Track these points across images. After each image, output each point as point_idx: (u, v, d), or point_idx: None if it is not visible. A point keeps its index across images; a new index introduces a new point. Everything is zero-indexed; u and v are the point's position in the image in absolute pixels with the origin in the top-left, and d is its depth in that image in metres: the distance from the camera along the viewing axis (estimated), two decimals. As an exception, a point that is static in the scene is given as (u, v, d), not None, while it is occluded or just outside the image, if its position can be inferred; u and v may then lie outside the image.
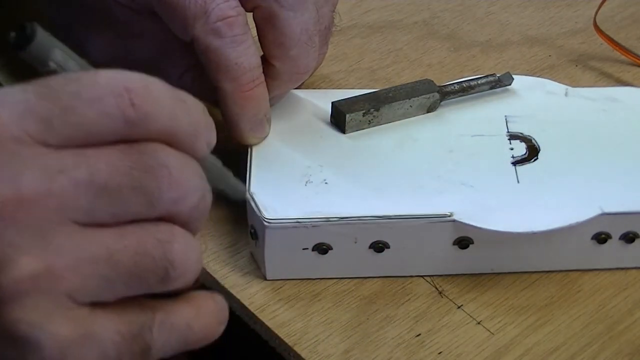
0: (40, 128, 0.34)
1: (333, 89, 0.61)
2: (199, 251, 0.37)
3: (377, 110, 0.54)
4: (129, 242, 0.35)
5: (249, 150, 0.52)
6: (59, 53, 0.36)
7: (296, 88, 0.56)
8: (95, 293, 0.35)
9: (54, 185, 0.33)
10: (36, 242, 0.33)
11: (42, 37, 0.35)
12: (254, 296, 0.49)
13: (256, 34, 0.52)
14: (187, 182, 0.36)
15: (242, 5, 0.50)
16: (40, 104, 0.34)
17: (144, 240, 0.35)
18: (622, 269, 0.51)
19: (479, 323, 0.48)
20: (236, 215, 0.51)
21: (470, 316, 0.49)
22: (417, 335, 0.48)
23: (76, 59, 0.36)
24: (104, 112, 0.34)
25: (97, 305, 0.35)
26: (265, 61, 0.52)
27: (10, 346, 0.33)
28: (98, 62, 0.56)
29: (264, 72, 0.52)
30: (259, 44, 0.52)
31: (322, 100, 0.56)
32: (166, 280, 0.36)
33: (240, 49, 0.49)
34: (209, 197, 0.37)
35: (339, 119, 0.54)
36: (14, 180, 0.33)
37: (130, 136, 0.35)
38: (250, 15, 0.52)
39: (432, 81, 0.56)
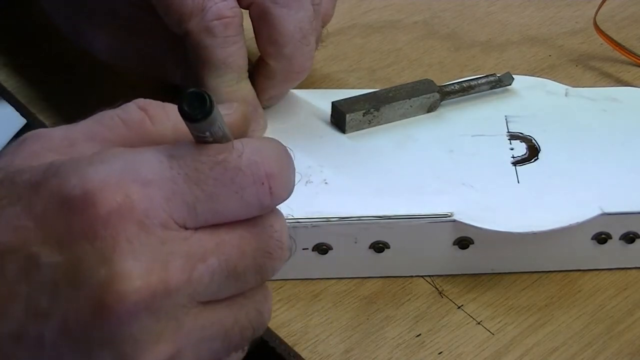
0: (184, 214, 0.34)
1: (333, 89, 0.61)
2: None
3: (377, 110, 0.54)
4: (239, 317, 0.37)
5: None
6: (219, 124, 0.34)
7: (295, 88, 0.56)
8: None
9: (194, 273, 0.34)
10: (170, 328, 0.34)
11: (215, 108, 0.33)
12: (254, 296, 0.49)
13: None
14: (289, 250, 0.38)
15: (239, 2, 0.50)
16: (188, 189, 0.34)
17: (249, 312, 0.37)
18: (622, 269, 0.51)
19: (479, 323, 0.48)
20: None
21: (470, 316, 0.49)
22: (417, 335, 0.48)
23: (222, 125, 0.35)
24: (245, 202, 0.35)
25: None
26: (262, 60, 0.52)
27: None
28: (104, 59, 0.56)
29: (260, 71, 0.52)
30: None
31: (322, 100, 0.56)
32: (251, 339, 0.38)
33: (230, 50, 0.49)
34: None
35: (339, 119, 0.54)
36: (162, 269, 0.33)
37: (257, 215, 0.36)
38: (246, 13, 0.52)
39: (432, 81, 0.56)
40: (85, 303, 0.33)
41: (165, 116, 0.37)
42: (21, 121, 0.62)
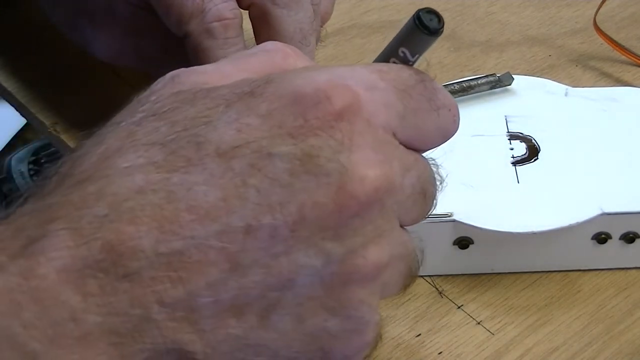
0: (397, 122, 0.35)
1: (333, 89, 0.61)
2: None
3: (377, 110, 0.54)
4: (415, 245, 0.37)
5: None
6: None
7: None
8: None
9: (405, 180, 0.35)
10: (388, 230, 0.34)
11: None
12: (254, 296, 0.49)
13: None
14: None
15: (238, 3, 0.50)
16: (398, 100, 0.35)
17: (417, 245, 0.38)
18: (622, 269, 0.51)
19: (479, 323, 0.48)
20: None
21: (470, 316, 0.49)
22: (417, 335, 0.48)
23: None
24: (439, 122, 0.37)
25: None
26: None
27: (341, 321, 0.34)
28: (104, 59, 0.56)
29: None
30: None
31: (322, 100, 0.56)
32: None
33: (230, 52, 0.49)
34: None
35: (339, 119, 0.54)
36: (387, 166, 0.34)
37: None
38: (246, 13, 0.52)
39: (432, 81, 0.56)
40: (325, 190, 0.33)
41: (299, 57, 0.38)
42: (21, 121, 0.62)
